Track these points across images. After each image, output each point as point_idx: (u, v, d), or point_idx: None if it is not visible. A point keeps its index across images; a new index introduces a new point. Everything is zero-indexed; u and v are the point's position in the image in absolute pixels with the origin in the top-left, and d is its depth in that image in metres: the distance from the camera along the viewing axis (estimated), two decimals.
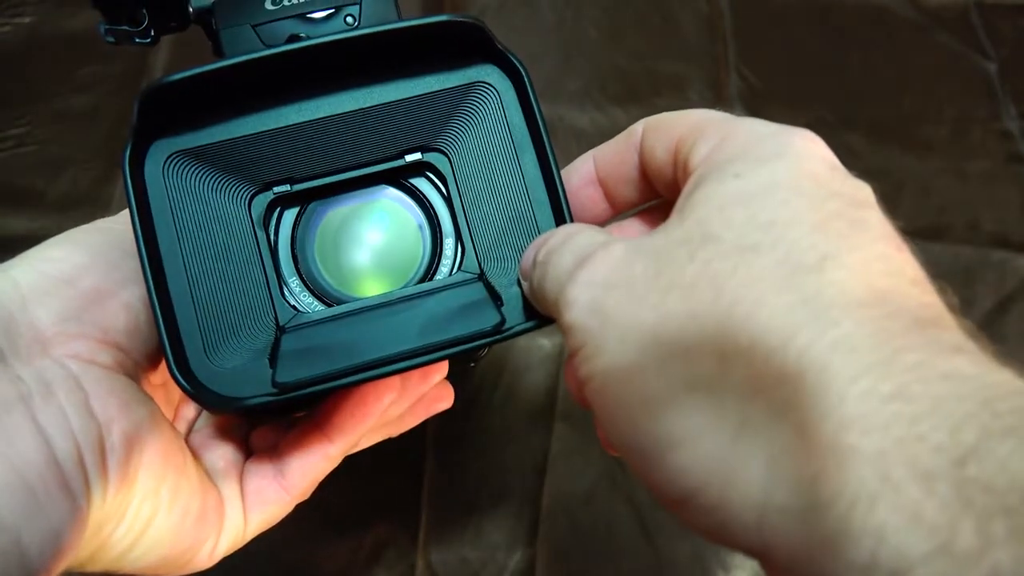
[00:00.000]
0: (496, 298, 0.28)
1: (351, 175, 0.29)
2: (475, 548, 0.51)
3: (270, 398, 0.26)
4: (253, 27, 0.28)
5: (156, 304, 0.26)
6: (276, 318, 0.28)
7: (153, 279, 0.26)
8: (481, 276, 0.29)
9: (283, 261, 0.29)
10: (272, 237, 0.29)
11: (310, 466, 0.30)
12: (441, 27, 0.27)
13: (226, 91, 0.27)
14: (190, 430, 0.32)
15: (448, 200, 0.30)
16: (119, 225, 0.29)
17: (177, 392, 0.31)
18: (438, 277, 0.30)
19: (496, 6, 0.68)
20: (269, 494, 0.30)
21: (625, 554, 0.51)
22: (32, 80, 0.64)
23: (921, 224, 0.60)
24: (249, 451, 0.32)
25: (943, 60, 0.67)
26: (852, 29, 0.68)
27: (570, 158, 0.30)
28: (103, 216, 0.31)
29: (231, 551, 0.30)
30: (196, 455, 0.30)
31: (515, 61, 0.29)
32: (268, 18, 0.28)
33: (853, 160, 0.69)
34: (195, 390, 0.26)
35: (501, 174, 0.30)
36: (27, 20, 0.67)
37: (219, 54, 0.30)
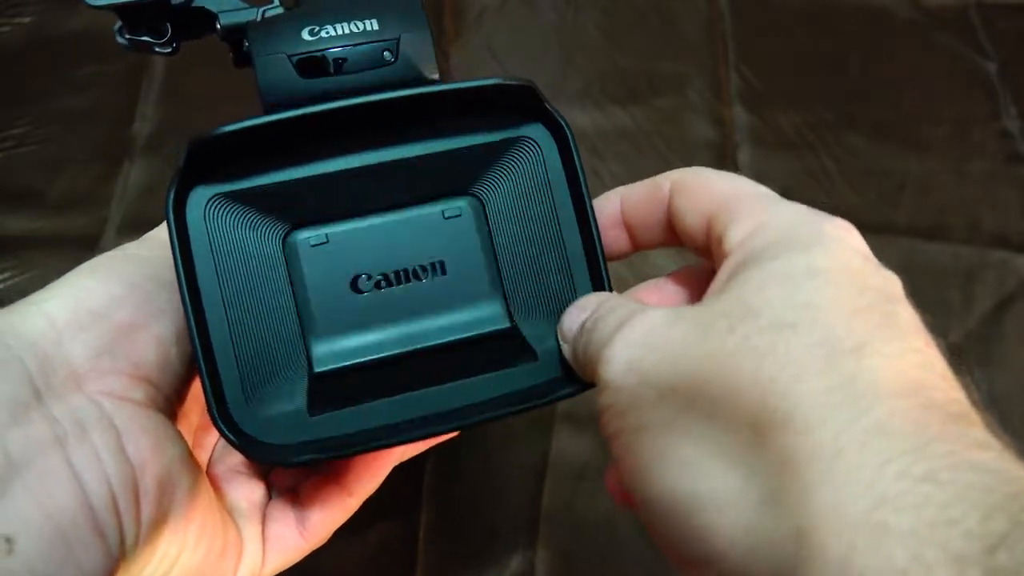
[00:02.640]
0: (529, 353, 0.28)
1: (386, 218, 0.29)
2: (475, 548, 0.51)
3: (316, 456, 0.26)
4: (289, 57, 0.27)
5: (199, 350, 0.25)
6: (309, 362, 0.28)
7: (196, 323, 0.25)
8: (513, 328, 0.29)
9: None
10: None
11: (331, 519, 0.31)
12: (492, 89, 0.28)
13: (270, 138, 0.27)
14: (210, 459, 0.32)
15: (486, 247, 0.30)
16: (146, 252, 0.29)
17: (198, 419, 0.31)
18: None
19: (496, 6, 0.68)
20: (290, 541, 0.31)
21: (626, 555, 0.51)
22: (32, 80, 0.64)
23: (921, 224, 0.60)
24: (269, 488, 0.32)
25: (943, 60, 0.67)
26: (852, 29, 0.68)
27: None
28: (103, 216, 0.31)
29: None
30: (218, 490, 0.30)
31: (561, 121, 0.29)
32: (305, 49, 0.27)
33: (853, 160, 0.69)
34: (240, 441, 0.25)
35: (538, 229, 0.29)
36: (27, 20, 0.67)
37: (241, 65, 0.30)
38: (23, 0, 0.67)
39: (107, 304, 0.26)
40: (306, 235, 0.28)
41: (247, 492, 0.30)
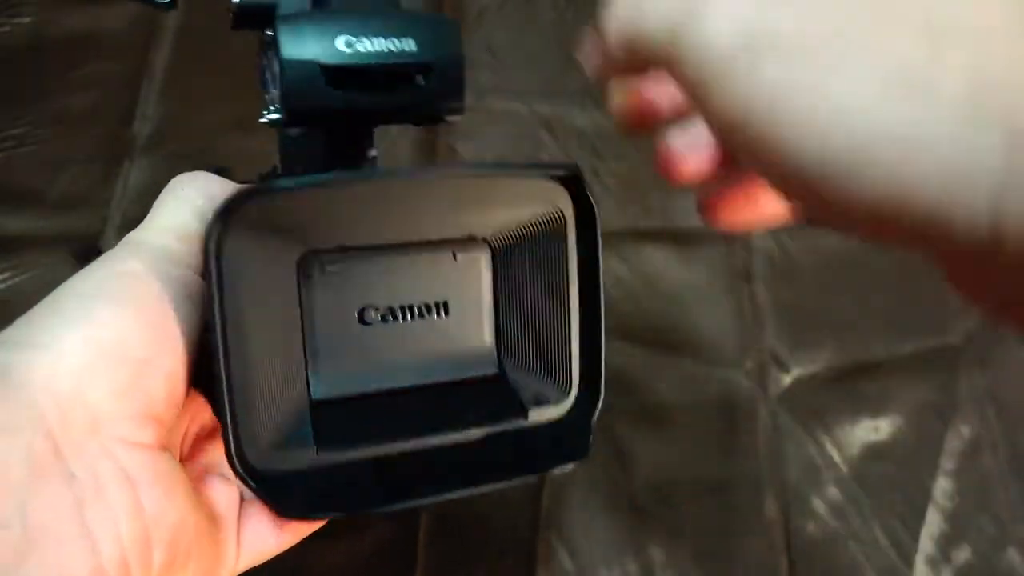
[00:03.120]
0: (519, 409, 0.28)
1: (400, 252, 0.28)
2: (475, 548, 0.51)
3: (337, 514, 0.26)
4: (320, 64, 0.26)
5: (227, 396, 0.24)
6: (309, 389, 0.27)
7: (225, 372, 0.24)
8: (501, 375, 0.29)
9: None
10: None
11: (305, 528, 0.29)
12: (538, 174, 0.27)
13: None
14: (181, 456, 0.31)
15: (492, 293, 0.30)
16: (153, 238, 0.27)
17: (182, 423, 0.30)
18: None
19: (496, 5, 0.68)
20: (266, 541, 0.29)
21: (626, 554, 0.51)
22: (32, 80, 0.64)
23: None
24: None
25: None
26: None
27: (570, 158, 0.30)
28: (102, 216, 0.30)
29: None
30: (197, 494, 0.29)
31: (593, 205, 0.28)
32: (338, 61, 0.26)
33: None
34: (262, 488, 0.25)
35: (544, 292, 0.29)
36: (27, 20, 0.67)
37: (240, 28, 0.29)
38: (23, 0, 0.67)
39: (122, 340, 0.25)
40: (321, 261, 0.27)
41: (225, 493, 0.29)
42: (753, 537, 0.52)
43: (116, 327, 0.25)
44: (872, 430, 0.56)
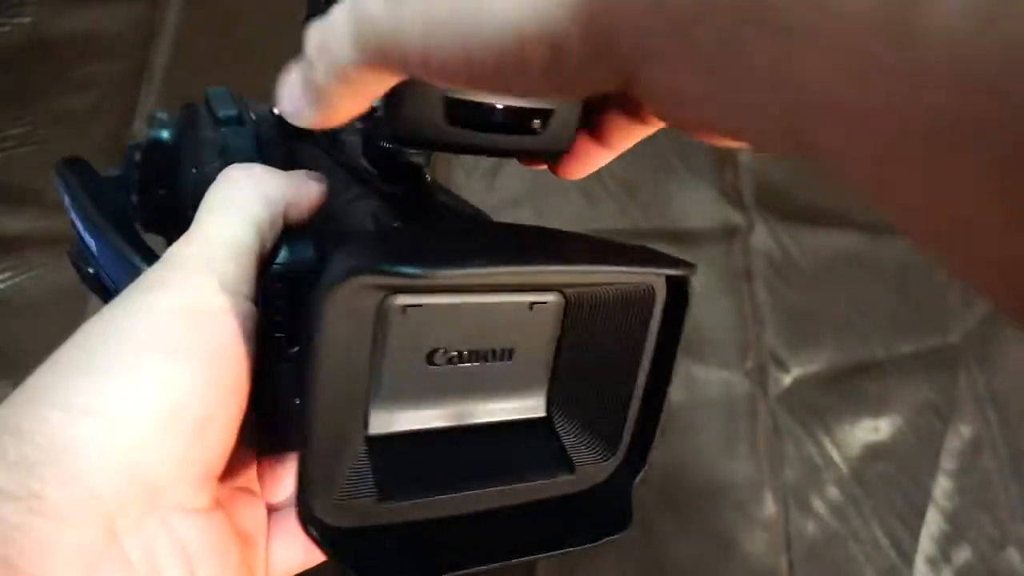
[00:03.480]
0: (566, 464, 0.28)
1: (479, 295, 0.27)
2: None
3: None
4: (444, 97, 0.25)
5: (312, 445, 0.23)
6: (366, 424, 0.26)
7: (312, 429, 0.23)
8: (548, 422, 0.29)
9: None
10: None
11: None
12: (651, 271, 0.27)
13: None
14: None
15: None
16: (210, 256, 0.24)
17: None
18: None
19: None
20: (295, 559, 0.28)
21: (625, 554, 0.51)
22: (32, 80, 0.64)
23: None
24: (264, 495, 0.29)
25: None
26: None
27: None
28: None
29: None
30: (225, 513, 0.27)
31: (689, 292, 0.27)
32: (463, 96, 0.25)
33: None
34: (331, 546, 0.24)
35: (611, 353, 0.28)
36: (27, 20, 0.67)
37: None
38: (23, 0, 0.67)
39: (185, 399, 0.22)
40: (403, 299, 0.26)
41: (253, 514, 0.28)
42: (753, 537, 0.52)
43: (179, 385, 0.22)
44: (872, 430, 0.56)
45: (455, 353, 0.28)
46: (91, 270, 0.31)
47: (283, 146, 0.32)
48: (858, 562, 0.52)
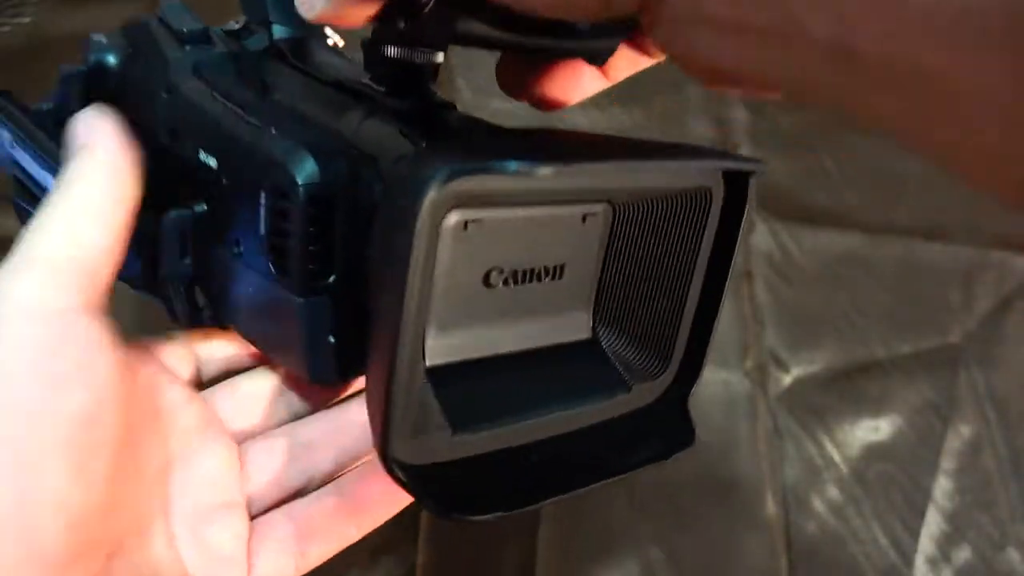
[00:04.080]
0: (621, 383, 0.27)
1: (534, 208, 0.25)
2: (475, 548, 0.51)
3: (505, 511, 0.23)
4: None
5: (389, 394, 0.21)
6: (424, 354, 0.24)
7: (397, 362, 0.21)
8: (596, 342, 0.28)
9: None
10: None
11: (331, 551, 0.28)
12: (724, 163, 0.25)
13: None
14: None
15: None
16: (64, 249, 0.23)
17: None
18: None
19: None
20: (288, 568, 0.27)
21: (625, 552, 0.51)
22: (32, 80, 0.64)
23: (921, 224, 0.60)
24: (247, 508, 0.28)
25: None
26: None
27: None
28: None
29: None
30: (197, 538, 0.26)
31: (749, 195, 0.26)
32: None
33: (853, 160, 0.69)
34: (417, 487, 0.23)
35: (662, 263, 0.27)
36: (27, 20, 0.67)
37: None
38: (23, 0, 0.67)
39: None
40: (464, 214, 0.23)
41: (231, 528, 0.26)
42: (753, 537, 0.52)
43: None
44: (872, 430, 0.56)
45: (510, 272, 0.26)
46: None
47: (257, 67, 0.29)
48: (858, 562, 0.52)
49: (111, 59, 0.30)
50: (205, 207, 0.27)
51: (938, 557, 0.53)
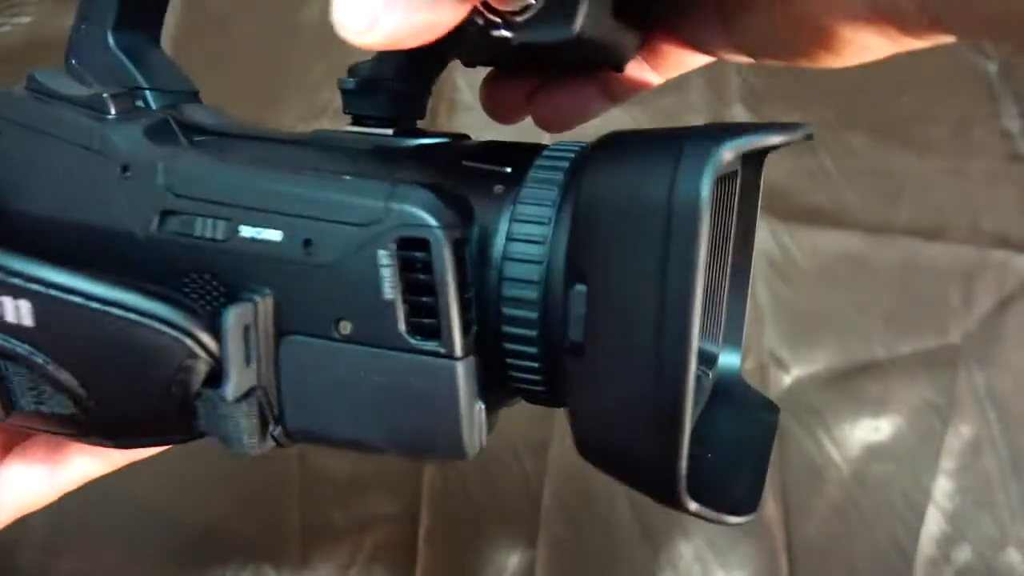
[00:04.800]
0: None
1: None
2: (475, 549, 0.51)
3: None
4: None
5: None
6: None
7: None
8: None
9: None
10: None
11: (94, 471, 0.26)
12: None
13: None
14: None
15: None
16: None
17: None
18: None
19: None
20: (40, 488, 0.26)
21: (625, 554, 0.51)
22: None
23: (921, 224, 0.60)
24: None
25: (943, 60, 0.67)
26: None
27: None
28: None
29: None
30: None
31: (761, 169, 0.25)
32: None
33: (853, 160, 0.69)
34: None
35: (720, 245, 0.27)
36: (27, 20, 0.66)
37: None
38: (23, 0, 0.67)
39: None
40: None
41: None
42: (753, 537, 0.52)
43: None
44: (872, 430, 0.56)
45: None
46: None
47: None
48: (858, 562, 0.52)
49: None
50: (269, 292, 0.21)
51: (938, 557, 0.53)
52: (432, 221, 0.20)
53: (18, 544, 0.50)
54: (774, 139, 0.20)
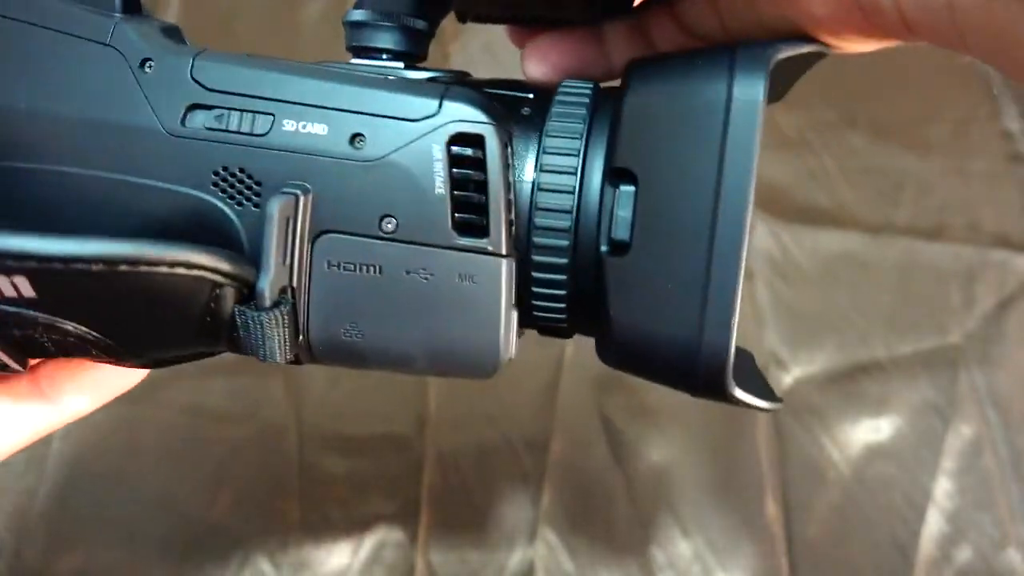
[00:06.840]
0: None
1: None
2: (475, 548, 0.51)
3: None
4: None
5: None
6: None
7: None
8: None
9: None
10: None
11: (85, 408, 0.25)
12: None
13: None
14: None
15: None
16: None
17: None
18: None
19: None
20: (23, 434, 0.25)
21: (625, 554, 0.51)
22: None
23: (921, 224, 0.60)
24: None
25: (943, 60, 0.67)
26: None
27: None
28: None
29: None
30: None
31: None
32: None
33: (853, 160, 0.69)
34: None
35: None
36: None
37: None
38: None
39: None
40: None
41: None
42: (753, 537, 0.52)
43: None
44: (872, 430, 0.56)
45: None
46: None
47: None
48: (858, 563, 0.52)
49: None
50: (309, 188, 0.20)
51: (939, 557, 0.53)
52: (486, 119, 0.20)
53: (20, 542, 0.50)
54: (804, 48, 0.21)
